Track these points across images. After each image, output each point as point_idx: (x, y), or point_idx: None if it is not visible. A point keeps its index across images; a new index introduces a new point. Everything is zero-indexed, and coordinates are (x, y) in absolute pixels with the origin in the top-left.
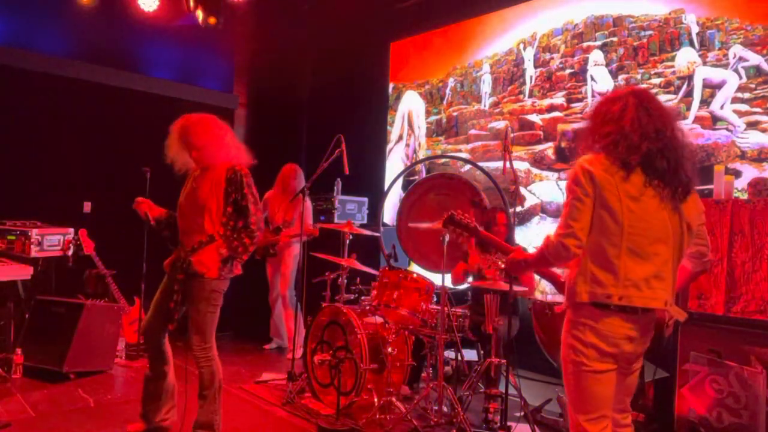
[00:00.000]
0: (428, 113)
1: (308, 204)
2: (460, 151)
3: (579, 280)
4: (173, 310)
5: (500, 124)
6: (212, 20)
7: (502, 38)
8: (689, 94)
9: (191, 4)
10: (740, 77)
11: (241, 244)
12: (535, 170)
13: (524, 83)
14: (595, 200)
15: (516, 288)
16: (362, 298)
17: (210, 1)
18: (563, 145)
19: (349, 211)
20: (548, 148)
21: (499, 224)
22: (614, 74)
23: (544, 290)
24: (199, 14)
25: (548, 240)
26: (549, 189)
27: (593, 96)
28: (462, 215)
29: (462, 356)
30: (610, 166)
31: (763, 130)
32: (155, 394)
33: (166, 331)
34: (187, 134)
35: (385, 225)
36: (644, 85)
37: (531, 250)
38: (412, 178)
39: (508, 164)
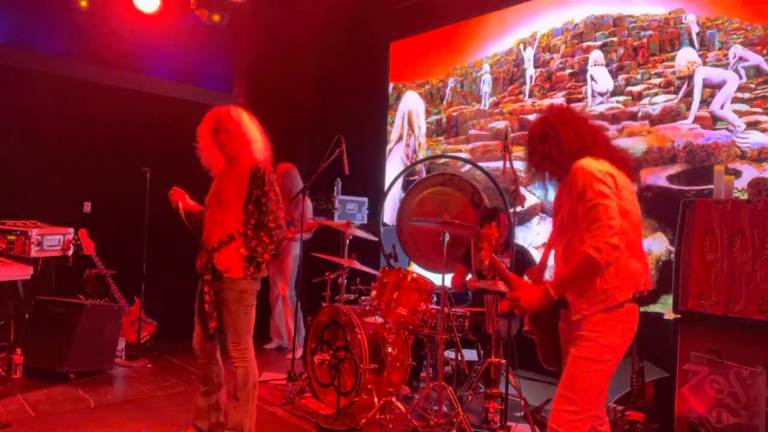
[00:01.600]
0: (428, 113)
1: (308, 203)
2: (460, 151)
3: (622, 276)
4: (209, 313)
5: (500, 124)
6: (216, 17)
7: (502, 38)
8: (689, 94)
9: (194, 2)
10: (740, 77)
11: (260, 243)
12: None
13: (524, 83)
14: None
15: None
16: (362, 298)
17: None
18: None
19: (349, 211)
20: None
21: (502, 225)
22: (614, 74)
23: None
24: (204, 12)
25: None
26: (549, 189)
27: (593, 96)
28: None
29: (462, 356)
30: (612, 165)
31: (763, 130)
32: (209, 408)
33: (216, 338)
34: (221, 127)
35: (385, 225)
36: (644, 85)
37: (531, 251)
38: (412, 178)
39: (508, 164)
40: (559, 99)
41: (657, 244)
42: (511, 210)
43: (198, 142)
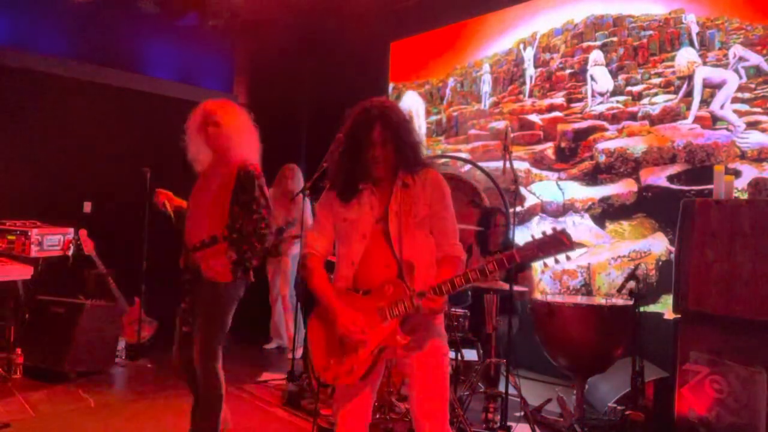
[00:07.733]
0: (428, 113)
1: (308, 203)
2: (460, 151)
3: None
4: (186, 311)
5: (500, 124)
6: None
7: (502, 38)
8: (689, 94)
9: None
10: (740, 77)
11: (250, 249)
12: (535, 170)
13: (524, 83)
14: None
15: (516, 288)
16: None
17: (209, 2)
18: (563, 145)
19: None
20: (548, 148)
21: (498, 225)
22: (614, 74)
23: (544, 290)
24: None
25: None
26: (549, 189)
27: (593, 96)
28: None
29: (462, 356)
30: None
31: (763, 130)
32: None
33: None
34: (210, 120)
35: None
36: (644, 85)
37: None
38: None
39: (508, 164)
40: (559, 99)
41: (657, 244)
42: (511, 210)
43: (187, 134)
